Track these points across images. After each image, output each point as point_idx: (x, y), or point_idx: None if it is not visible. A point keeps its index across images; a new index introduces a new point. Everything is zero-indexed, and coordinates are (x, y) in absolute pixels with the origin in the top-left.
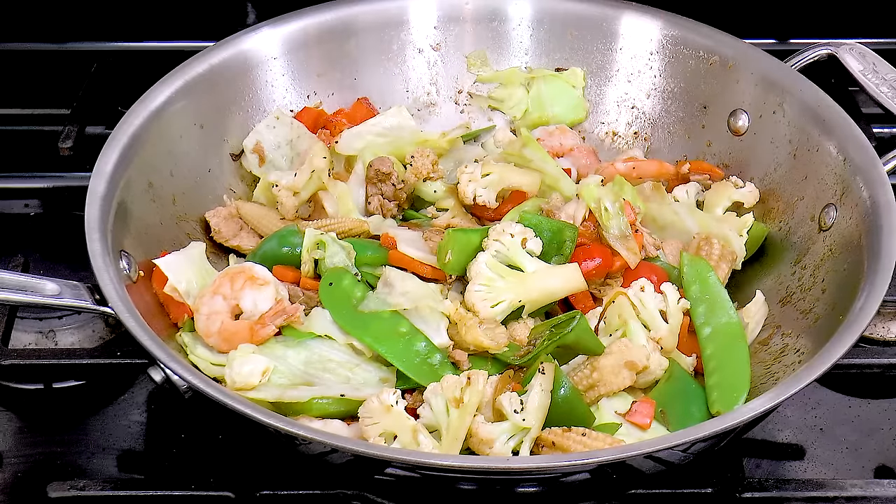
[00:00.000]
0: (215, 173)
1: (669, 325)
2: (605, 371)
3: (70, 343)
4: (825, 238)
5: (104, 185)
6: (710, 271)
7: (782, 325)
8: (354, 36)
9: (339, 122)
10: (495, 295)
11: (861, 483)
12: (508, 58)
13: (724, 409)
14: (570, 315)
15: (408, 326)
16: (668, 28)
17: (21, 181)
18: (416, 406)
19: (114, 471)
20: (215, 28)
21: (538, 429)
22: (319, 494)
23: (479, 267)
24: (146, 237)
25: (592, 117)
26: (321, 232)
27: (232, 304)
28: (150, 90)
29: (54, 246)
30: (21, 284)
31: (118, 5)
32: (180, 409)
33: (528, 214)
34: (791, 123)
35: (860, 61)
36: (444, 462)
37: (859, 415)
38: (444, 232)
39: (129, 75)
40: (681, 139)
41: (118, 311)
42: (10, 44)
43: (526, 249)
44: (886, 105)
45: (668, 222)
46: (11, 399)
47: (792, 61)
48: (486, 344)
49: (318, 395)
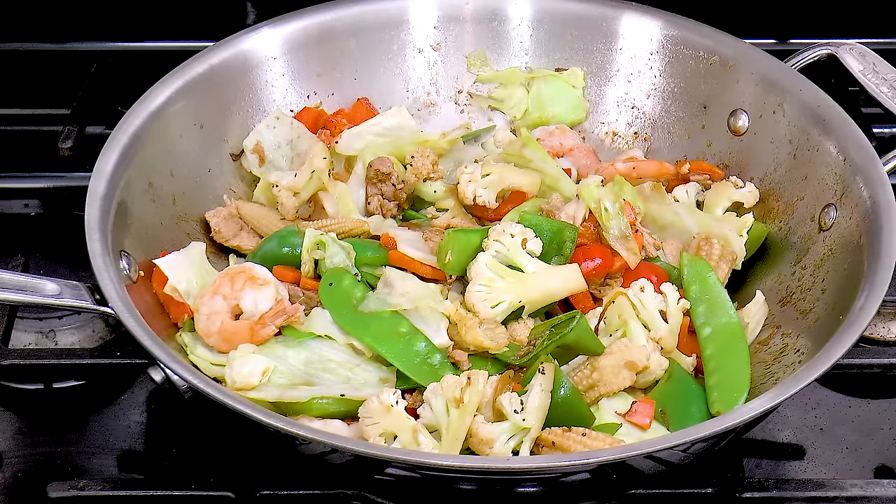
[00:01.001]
0: (215, 173)
1: (669, 325)
2: (606, 371)
3: (70, 343)
4: (825, 238)
5: (104, 185)
6: (710, 271)
7: (782, 325)
8: (354, 36)
9: (339, 122)
10: (495, 295)
11: (861, 483)
12: (508, 58)
13: (724, 409)
14: (570, 315)
15: (408, 326)
16: (668, 28)
17: (21, 181)
18: (416, 406)
19: (114, 471)
20: (215, 28)
21: (538, 429)
22: (319, 494)
23: (479, 267)
24: (146, 237)
25: (592, 117)
26: (321, 232)
27: (232, 305)
28: (150, 90)
29: (54, 246)
30: (21, 284)
31: (118, 5)
32: (180, 409)
33: (528, 215)
34: (791, 123)
35: (860, 61)
36: (444, 462)
37: (859, 415)
38: (444, 232)
39: (129, 75)
40: (681, 139)
41: (118, 311)
42: (10, 44)
43: (526, 250)
44: (886, 105)
45: (668, 222)
46: (11, 399)
47: (792, 61)
48: (486, 344)
49: (318, 395)
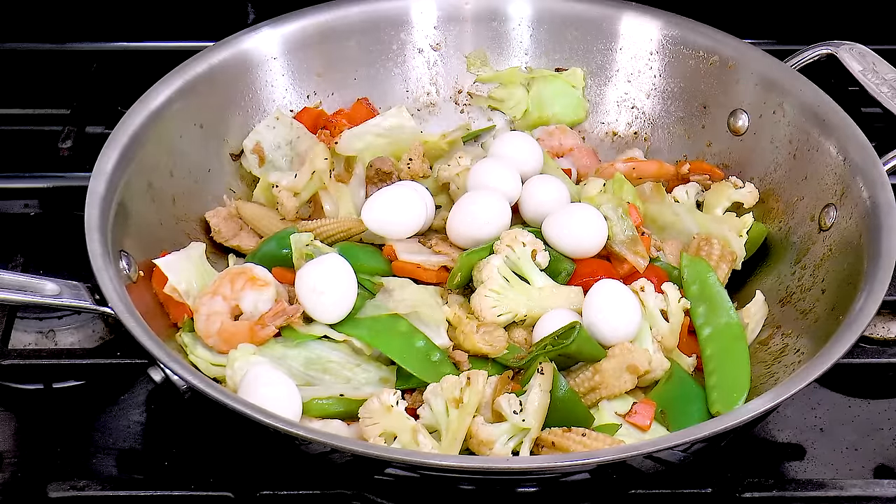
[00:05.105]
0: (215, 173)
1: (670, 325)
2: (607, 374)
3: (70, 343)
4: (825, 238)
5: (104, 185)
6: (710, 271)
7: (782, 325)
8: (354, 36)
9: (339, 122)
10: (504, 304)
11: (861, 483)
12: (508, 58)
13: (724, 410)
14: (571, 325)
15: (407, 326)
16: (668, 28)
17: (21, 181)
18: (416, 406)
19: (114, 471)
20: (215, 28)
21: (538, 429)
22: (319, 494)
23: (490, 271)
24: (146, 237)
25: (592, 117)
26: (306, 243)
27: (232, 305)
28: (150, 90)
29: (54, 246)
30: (21, 284)
31: (118, 5)
32: (180, 409)
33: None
34: (791, 123)
35: (860, 61)
36: (443, 462)
37: (859, 415)
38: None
39: (129, 75)
40: (681, 139)
41: (118, 311)
42: (10, 44)
43: (535, 261)
44: (886, 105)
45: (668, 222)
46: (11, 399)
47: (792, 61)
48: (484, 349)
49: (318, 395)
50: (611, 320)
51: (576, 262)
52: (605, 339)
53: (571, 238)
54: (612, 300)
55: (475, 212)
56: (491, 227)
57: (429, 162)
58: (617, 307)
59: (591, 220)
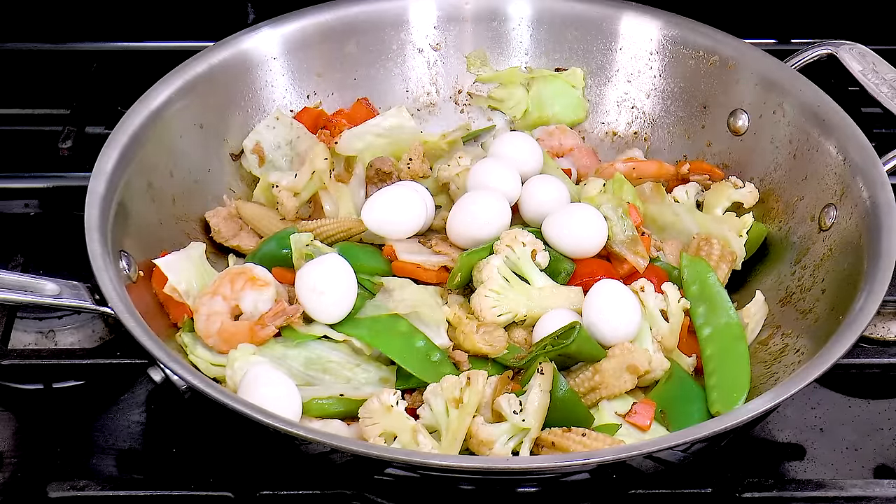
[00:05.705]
0: (215, 173)
1: (670, 325)
2: (607, 374)
3: (70, 343)
4: (825, 238)
5: (104, 185)
6: (710, 272)
7: (782, 325)
8: (354, 36)
9: (339, 122)
10: (504, 304)
11: (861, 483)
12: (508, 58)
13: (723, 410)
14: (571, 325)
15: (407, 326)
16: (668, 28)
17: (21, 181)
18: (416, 406)
19: (114, 471)
20: (215, 28)
21: (538, 429)
22: (319, 494)
23: (490, 271)
24: (146, 237)
25: (592, 117)
26: (306, 243)
27: (232, 305)
28: (150, 90)
29: (54, 246)
30: (21, 284)
31: (118, 5)
32: (180, 409)
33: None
34: (791, 123)
35: (860, 61)
36: (443, 462)
37: (859, 415)
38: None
39: (129, 75)
40: (681, 139)
41: (118, 311)
42: (10, 44)
43: (535, 261)
44: (886, 105)
45: (668, 222)
46: (11, 399)
47: (792, 61)
48: (484, 350)
49: (318, 395)
50: (611, 320)
51: (576, 262)
52: (605, 339)
53: (571, 238)
54: (612, 300)
55: (475, 212)
56: (491, 227)
57: (429, 162)
58: (617, 307)
59: (591, 220)
